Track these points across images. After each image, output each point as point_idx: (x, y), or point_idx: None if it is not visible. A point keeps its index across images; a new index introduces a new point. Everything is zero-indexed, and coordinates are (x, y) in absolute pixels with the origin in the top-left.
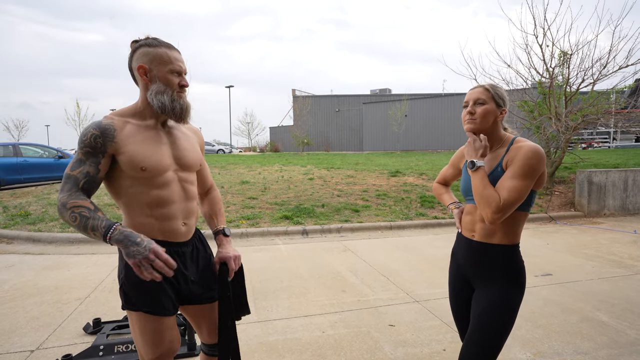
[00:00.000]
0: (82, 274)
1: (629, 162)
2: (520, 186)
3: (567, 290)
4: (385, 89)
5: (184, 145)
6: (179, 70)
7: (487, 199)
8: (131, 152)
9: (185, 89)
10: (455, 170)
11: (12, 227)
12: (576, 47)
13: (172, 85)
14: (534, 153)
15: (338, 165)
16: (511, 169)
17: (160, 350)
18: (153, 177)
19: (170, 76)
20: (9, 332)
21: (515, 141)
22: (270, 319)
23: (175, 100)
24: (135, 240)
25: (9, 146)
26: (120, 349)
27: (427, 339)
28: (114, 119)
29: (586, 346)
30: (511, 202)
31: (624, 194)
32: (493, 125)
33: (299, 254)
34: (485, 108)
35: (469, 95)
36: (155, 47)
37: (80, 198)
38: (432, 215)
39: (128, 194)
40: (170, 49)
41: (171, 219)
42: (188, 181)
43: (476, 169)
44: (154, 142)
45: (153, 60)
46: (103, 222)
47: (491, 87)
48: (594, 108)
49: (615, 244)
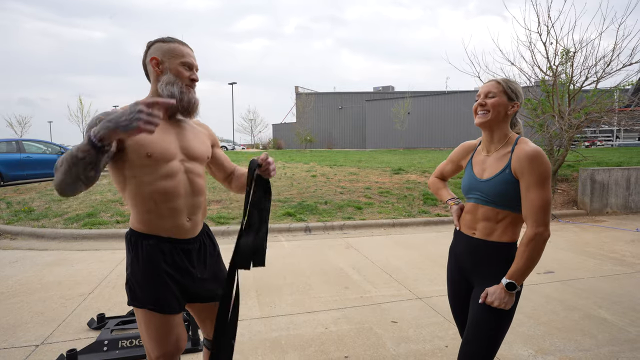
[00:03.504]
0: (86, 270)
1: (632, 160)
2: (545, 194)
3: (569, 287)
4: (388, 86)
5: (191, 137)
6: (190, 63)
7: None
8: (137, 137)
9: (194, 83)
10: (455, 167)
11: (15, 223)
12: (580, 44)
13: (183, 77)
14: (540, 157)
15: (341, 163)
16: (528, 180)
17: (166, 348)
18: (159, 165)
19: (181, 68)
20: (14, 326)
21: (519, 142)
22: (273, 315)
23: (184, 93)
24: (117, 114)
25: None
26: (124, 344)
27: (429, 336)
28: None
29: (588, 343)
30: (546, 214)
31: (626, 192)
32: (504, 119)
33: (302, 250)
34: (495, 100)
35: (481, 88)
36: (168, 42)
37: None
38: (435, 213)
39: (133, 184)
40: (183, 45)
41: (176, 214)
42: (195, 173)
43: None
44: (161, 131)
45: (166, 53)
46: (82, 140)
47: (503, 80)
48: (597, 106)
49: (618, 242)
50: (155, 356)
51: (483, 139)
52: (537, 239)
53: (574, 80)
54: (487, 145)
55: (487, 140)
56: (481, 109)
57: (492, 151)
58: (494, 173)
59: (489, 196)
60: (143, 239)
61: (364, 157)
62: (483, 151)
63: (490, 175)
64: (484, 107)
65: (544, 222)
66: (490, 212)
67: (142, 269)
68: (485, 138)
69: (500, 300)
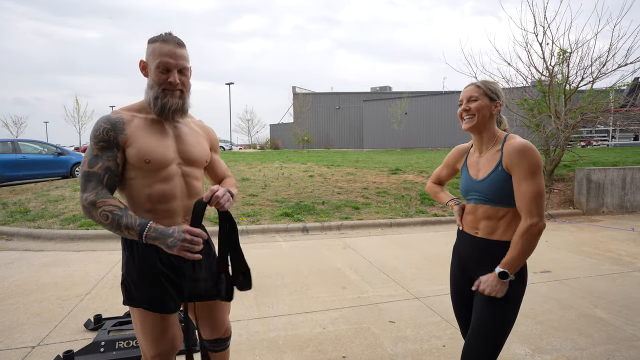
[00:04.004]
0: (83, 271)
1: (627, 160)
2: (536, 185)
3: (565, 287)
4: (385, 86)
5: (189, 140)
6: (165, 65)
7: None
8: (138, 144)
9: (176, 86)
10: (451, 171)
11: (11, 223)
12: (576, 45)
13: (159, 81)
14: (528, 150)
15: (338, 163)
16: (518, 174)
17: (161, 347)
18: (157, 170)
19: (156, 71)
20: (10, 328)
21: (507, 138)
22: (271, 315)
23: (159, 97)
24: (168, 232)
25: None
26: (121, 345)
27: (427, 335)
28: (121, 112)
29: (584, 342)
30: (539, 205)
31: (622, 192)
32: (490, 120)
33: (300, 251)
34: (478, 104)
35: (462, 93)
36: (154, 42)
37: (108, 197)
38: (432, 213)
39: (131, 186)
40: (165, 42)
41: (172, 215)
42: (192, 176)
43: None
44: (159, 135)
45: (149, 55)
46: (137, 220)
47: (482, 83)
48: (593, 106)
49: (614, 242)
50: (150, 355)
51: (474, 141)
52: (531, 230)
53: (570, 80)
54: (478, 146)
55: (478, 142)
56: (466, 114)
57: (483, 151)
58: (487, 172)
59: (486, 195)
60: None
61: (361, 157)
62: (475, 152)
63: (484, 175)
64: (469, 112)
65: (537, 212)
66: (490, 211)
67: (138, 268)
68: (475, 140)
69: (492, 288)
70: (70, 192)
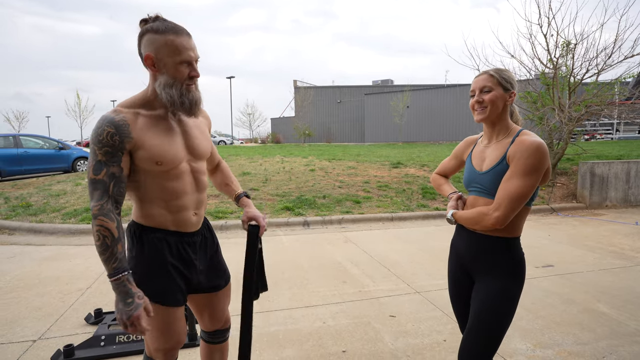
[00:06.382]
0: (84, 265)
1: (632, 153)
2: (524, 186)
3: (568, 281)
4: (387, 79)
5: (195, 133)
6: (188, 60)
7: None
8: (147, 147)
9: (195, 80)
10: (458, 162)
11: (13, 218)
12: (581, 36)
13: (181, 77)
14: (537, 150)
15: (339, 157)
16: (513, 167)
17: (169, 341)
18: (168, 170)
19: (180, 67)
20: (11, 322)
21: (521, 133)
22: (271, 309)
23: (184, 95)
24: (127, 300)
25: (10, 137)
26: (121, 339)
27: (427, 330)
28: (123, 112)
29: (586, 337)
30: (512, 205)
31: (626, 186)
32: (504, 111)
33: (301, 245)
34: (493, 94)
35: (474, 83)
36: (162, 33)
37: (110, 217)
38: (434, 207)
39: (142, 187)
40: (178, 34)
41: (183, 210)
42: (200, 171)
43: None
44: (167, 134)
45: (160, 49)
46: (116, 262)
47: (496, 72)
48: (597, 99)
49: (617, 236)
50: (155, 349)
51: (485, 130)
52: (486, 219)
53: (575, 72)
54: (488, 136)
55: (489, 131)
56: (479, 106)
57: (492, 141)
58: (491, 165)
59: (488, 188)
60: (149, 232)
61: (362, 151)
62: (484, 141)
63: (488, 167)
64: (482, 104)
65: (504, 210)
66: (490, 204)
67: (148, 262)
68: (486, 130)
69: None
70: (71, 186)
